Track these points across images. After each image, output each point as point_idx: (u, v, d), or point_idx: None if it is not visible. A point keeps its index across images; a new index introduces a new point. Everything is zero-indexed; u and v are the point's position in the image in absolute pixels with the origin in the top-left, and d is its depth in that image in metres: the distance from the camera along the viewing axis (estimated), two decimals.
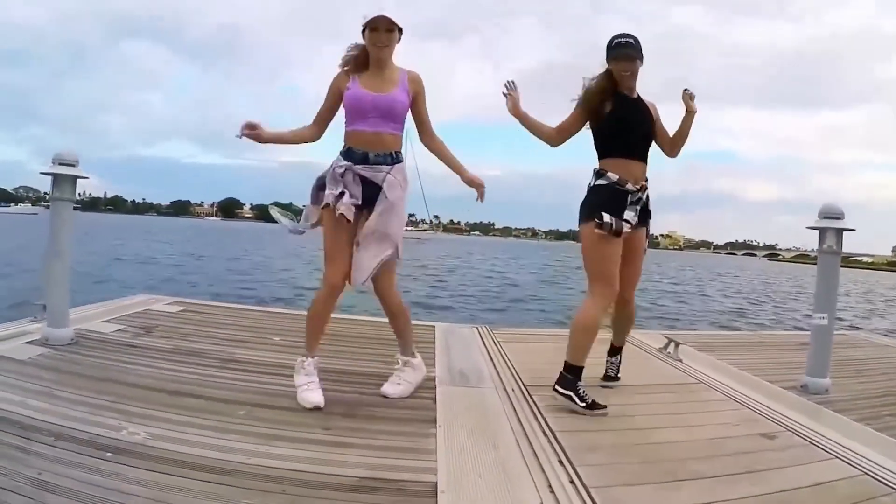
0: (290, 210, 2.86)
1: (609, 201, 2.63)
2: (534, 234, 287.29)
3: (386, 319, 2.76)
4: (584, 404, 2.58)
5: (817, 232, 3.19)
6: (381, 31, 2.46)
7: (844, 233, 3.15)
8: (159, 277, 14.47)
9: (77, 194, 3.19)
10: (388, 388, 2.66)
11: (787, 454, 2.23)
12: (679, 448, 2.22)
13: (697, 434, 2.39)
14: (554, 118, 2.76)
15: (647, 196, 2.74)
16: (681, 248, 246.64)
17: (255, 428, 2.13)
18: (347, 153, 2.53)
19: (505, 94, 2.77)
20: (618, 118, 2.65)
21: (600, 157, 2.71)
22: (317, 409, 2.40)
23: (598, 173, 2.69)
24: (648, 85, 2.75)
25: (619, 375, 3.06)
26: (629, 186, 2.63)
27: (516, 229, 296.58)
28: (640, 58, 2.63)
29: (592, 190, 2.70)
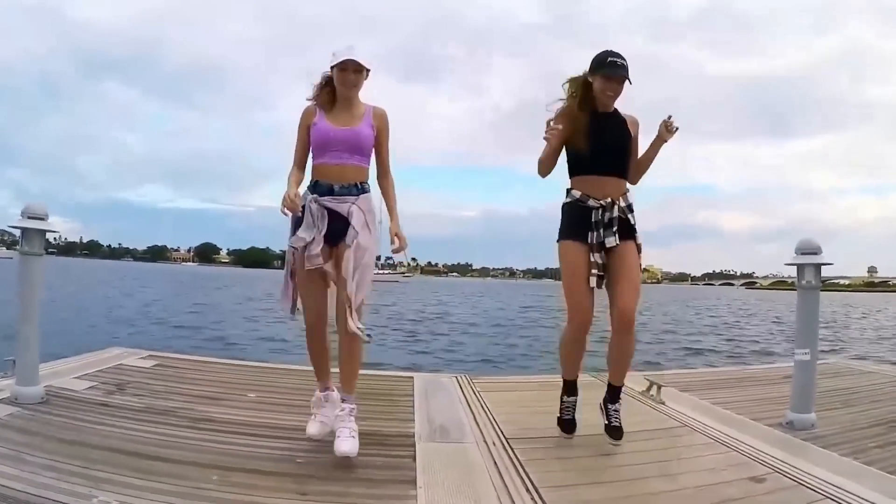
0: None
1: (572, 219, 2.66)
2: (511, 273, 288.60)
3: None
4: (558, 416, 2.82)
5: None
6: (350, 71, 2.53)
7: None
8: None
9: (53, 238, 3.13)
10: (345, 446, 2.38)
11: (777, 497, 2.20)
12: (667, 499, 2.17)
13: (685, 482, 2.34)
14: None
15: (629, 208, 2.65)
16: (659, 282, 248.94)
17: (228, 494, 2.04)
18: (314, 186, 2.58)
19: (546, 137, 2.62)
20: (585, 136, 2.60)
21: (570, 174, 2.72)
22: (310, 440, 2.54)
23: (566, 191, 2.72)
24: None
25: (619, 425, 2.67)
26: (591, 203, 2.61)
27: (494, 269, 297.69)
28: (629, 80, 2.57)
29: (561, 209, 2.73)
